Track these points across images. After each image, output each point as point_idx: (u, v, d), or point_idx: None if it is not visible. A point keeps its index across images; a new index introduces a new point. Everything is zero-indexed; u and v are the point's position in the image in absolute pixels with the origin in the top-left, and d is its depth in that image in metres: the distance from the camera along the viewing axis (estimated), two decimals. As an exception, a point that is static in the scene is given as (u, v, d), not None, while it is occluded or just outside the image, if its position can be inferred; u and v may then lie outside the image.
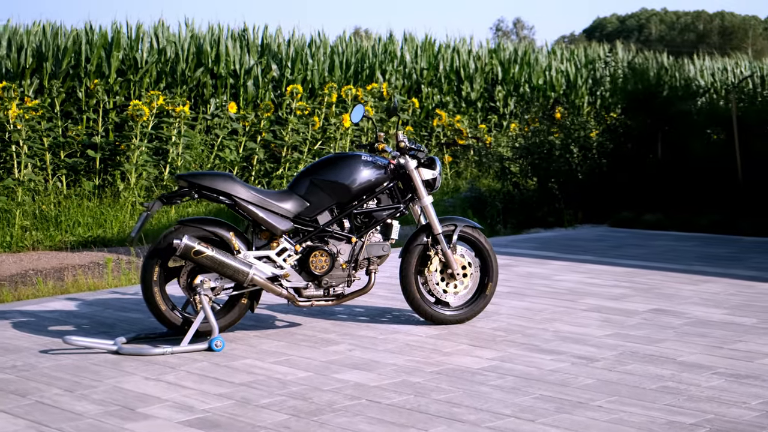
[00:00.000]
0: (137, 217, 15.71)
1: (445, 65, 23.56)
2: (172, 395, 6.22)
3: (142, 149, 16.38)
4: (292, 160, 18.06)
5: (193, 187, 7.45)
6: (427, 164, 7.95)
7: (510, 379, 6.50)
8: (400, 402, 6.03)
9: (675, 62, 25.15)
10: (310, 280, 7.62)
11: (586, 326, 7.89)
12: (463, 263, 7.94)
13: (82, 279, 10.55)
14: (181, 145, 16.90)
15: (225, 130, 17.96)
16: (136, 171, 16.32)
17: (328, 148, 18.47)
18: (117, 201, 16.18)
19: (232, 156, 17.67)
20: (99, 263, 12.45)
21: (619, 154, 15.06)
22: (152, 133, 16.72)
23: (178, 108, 16.94)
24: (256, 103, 19.65)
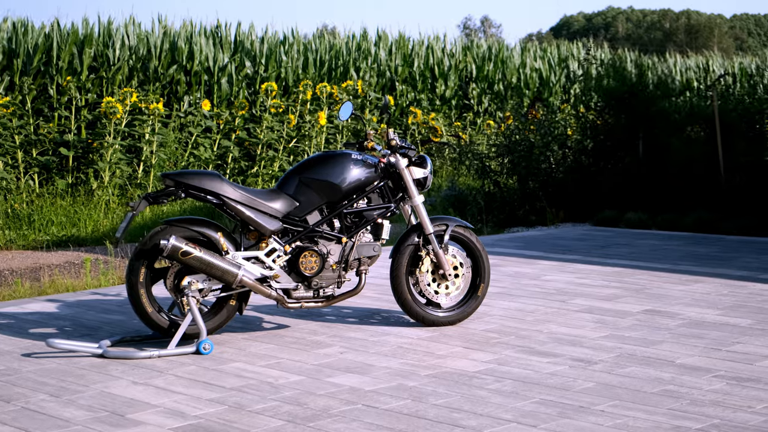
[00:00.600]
0: (111, 216, 15.49)
1: (420, 63, 23.42)
2: (162, 400, 6.05)
3: (115, 147, 16.14)
4: (267, 158, 17.87)
5: (180, 186, 7.27)
6: (417, 163, 7.79)
7: (508, 382, 6.36)
8: (398, 407, 5.88)
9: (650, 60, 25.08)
10: (300, 282, 7.46)
11: (580, 328, 7.76)
12: (454, 264, 7.79)
13: (59, 279, 10.34)
14: (155, 143, 16.69)
15: (199, 128, 17.75)
16: (110, 169, 16.09)
17: (303, 146, 18.29)
18: (91, 199, 15.96)
19: (206, 154, 17.47)
20: (75, 263, 12.23)
21: (600, 152, 14.94)
22: (126, 130, 16.48)
23: (152, 105, 16.72)
24: (230, 100, 19.46)
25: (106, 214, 15.76)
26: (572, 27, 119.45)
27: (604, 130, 15.01)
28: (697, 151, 13.78)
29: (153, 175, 16.75)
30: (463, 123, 23.11)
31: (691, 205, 13.50)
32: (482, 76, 24.53)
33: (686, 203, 13.54)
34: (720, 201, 13.39)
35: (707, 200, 13.49)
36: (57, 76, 17.60)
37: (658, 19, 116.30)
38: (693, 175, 13.81)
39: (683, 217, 13.15)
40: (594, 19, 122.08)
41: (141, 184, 16.67)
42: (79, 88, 17.59)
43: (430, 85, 23.51)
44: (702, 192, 13.61)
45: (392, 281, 7.73)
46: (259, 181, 17.73)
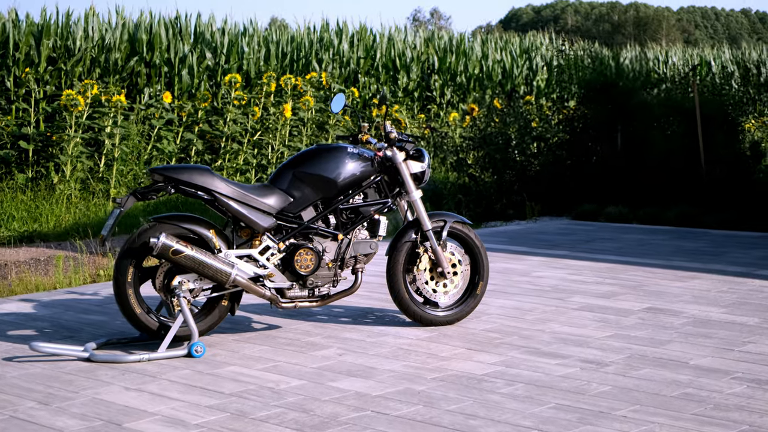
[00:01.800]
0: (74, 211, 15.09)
1: (382, 54, 23.13)
2: (159, 407, 5.73)
3: (77, 140, 15.72)
4: (231, 151, 17.52)
5: (170, 181, 6.94)
6: (415, 156, 7.50)
7: (520, 386, 6.09)
8: (410, 413, 5.59)
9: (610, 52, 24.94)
10: (294, 281, 7.15)
11: (583, 327, 7.51)
12: (453, 261, 7.51)
13: (27, 277, 9.94)
14: (117, 136, 16.28)
15: (161, 120, 17.35)
16: (71, 163, 15.67)
17: (267, 139, 17.95)
18: (52, 194, 15.52)
19: (170, 147, 17.09)
20: (40, 259, 11.83)
21: (576, 145, 14.70)
22: (87, 123, 16.06)
23: (114, 98, 16.31)
24: (191, 92, 19.07)
25: (68, 209, 15.35)
26: (521, 19, 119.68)
27: (581, 122, 14.76)
28: (677, 144, 13.57)
29: (116, 169, 16.34)
30: (427, 115, 22.84)
31: (673, 199, 13.30)
32: (444, 68, 24.28)
33: (667, 197, 13.33)
34: (701, 194, 13.19)
35: (688, 194, 13.29)
36: (14, 68, 17.14)
37: (606, 11, 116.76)
38: (673, 168, 13.60)
39: (665, 211, 12.93)
40: (543, 12, 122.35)
41: (103, 178, 16.27)
42: (38, 80, 17.14)
43: (392, 77, 23.22)
44: (683, 185, 13.40)
45: (389, 279, 7.44)
46: (223, 174, 17.37)
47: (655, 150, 13.73)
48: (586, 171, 14.29)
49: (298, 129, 18.51)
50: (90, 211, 15.35)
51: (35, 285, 9.58)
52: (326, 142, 6.99)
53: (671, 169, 13.60)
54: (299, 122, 18.64)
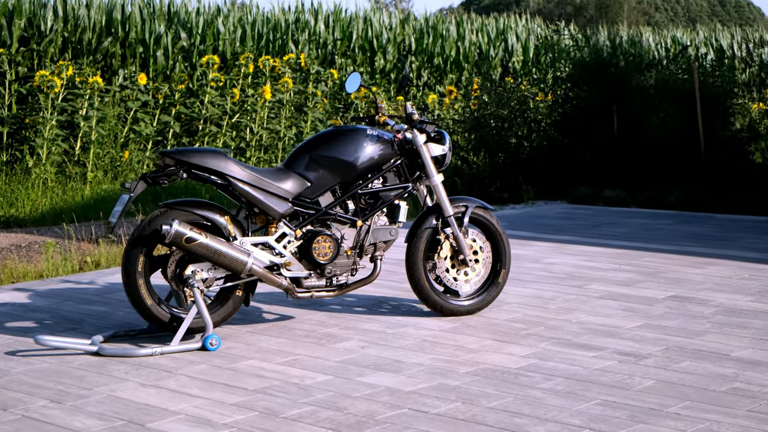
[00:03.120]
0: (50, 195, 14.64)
1: (358, 36, 22.74)
2: (181, 406, 5.39)
3: (52, 123, 15.27)
4: (210, 134, 17.11)
5: (181, 165, 6.57)
6: (436, 139, 7.16)
7: (559, 381, 5.78)
8: (450, 411, 5.28)
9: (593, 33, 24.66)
10: (312, 269, 6.80)
11: (609, 316, 7.21)
12: (474, 248, 7.18)
13: (11, 264, 9.51)
14: (94, 119, 15.83)
15: (137, 102, 16.91)
16: (47, 146, 15.21)
17: (246, 121, 17.56)
18: (28, 178, 15.06)
19: (147, 130, 16.65)
20: (21, 245, 11.39)
21: (570, 127, 14.38)
22: (61, 105, 15.59)
23: (91, 79, 15.85)
24: (166, 74, 18.62)
25: (45, 193, 14.90)
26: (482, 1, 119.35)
27: (576, 105, 14.45)
28: (676, 126, 13.28)
29: (92, 152, 15.90)
30: (407, 97, 22.46)
31: (672, 182, 13.00)
32: (421, 50, 23.92)
33: (666, 180, 13.03)
34: (702, 177, 12.90)
35: (688, 177, 13.00)
36: (-14, 49, 16.64)
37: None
38: (672, 151, 13.31)
39: (666, 195, 12.64)
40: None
41: (80, 161, 15.82)
42: (10, 62, 16.65)
43: (368, 58, 22.84)
44: (682, 168, 13.11)
45: (408, 268, 7.11)
46: (202, 157, 16.91)
47: (653, 132, 13.44)
48: (582, 154, 13.96)
49: (276, 111, 18.11)
50: (67, 195, 14.92)
51: (21, 273, 9.16)
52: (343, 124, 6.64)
53: (670, 152, 13.31)
54: (278, 104, 18.25)
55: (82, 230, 11.33)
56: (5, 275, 9.15)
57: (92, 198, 14.66)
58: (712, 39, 29.00)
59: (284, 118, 17.93)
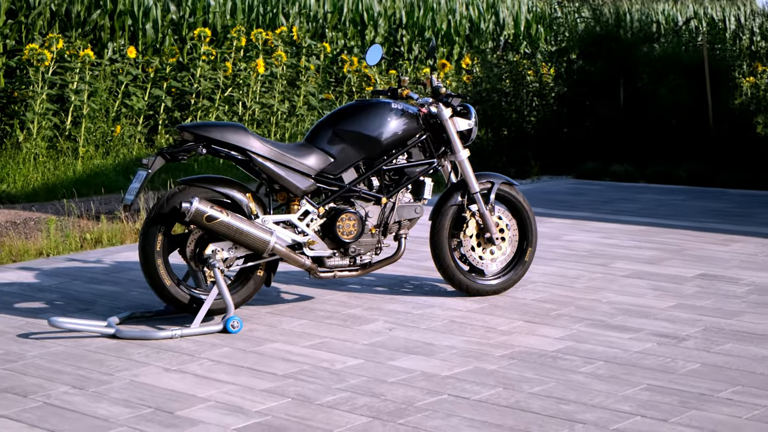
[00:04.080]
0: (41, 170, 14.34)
1: (349, 9, 22.42)
2: (210, 392, 5.15)
3: (43, 97, 14.95)
4: (202, 108, 16.81)
5: (200, 140, 6.30)
6: (462, 113, 6.90)
7: (599, 364, 5.56)
8: (491, 397, 5.05)
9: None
10: (335, 248, 6.56)
11: (640, 296, 6.99)
12: (500, 226, 6.95)
13: (9, 242, 9.22)
14: (85, 93, 15.51)
15: (128, 76, 16.59)
16: (38, 121, 14.90)
17: (238, 95, 17.27)
18: (18, 153, 14.75)
19: (139, 104, 16.34)
20: (16, 222, 11.10)
21: (577, 101, 14.12)
22: (51, 79, 15.27)
23: (82, 52, 15.53)
24: (156, 47, 18.29)
25: (36, 168, 14.60)
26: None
27: (581, 78, 14.19)
28: (683, 100, 13.03)
29: (84, 127, 15.59)
30: (399, 71, 22.17)
31: (681, 156, 12.76)
32: (412, 23, 23.61)
33: (675, 154, 12.79)
34: (710, 152, 12.66)
35: (697, 151, 12.75)
36: (-27, 22, 16.29)
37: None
38: (680, 125, 13.07)
39: (675, 169, 12.41)
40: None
41: (71, 136, 15.51)
42: (-2, 34, 16.32)
43: (359, 32, 22.53)
44: (690, 142, 12.87)
45: (433, 246, 6.87)
46: (195, 132, 16.61)
47: (660, 106, 13.19)
48: (588, 128, 13.70)
49: (268, 85, 17.83)
50: (59, 170, 14.63)
51: (21, 250, 8.87)
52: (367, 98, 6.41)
53: (677, 126, 13.06)
54: (271, 78, 17.97)
55: (81, 206, 11.04)
56: (5, 253, 8.87)
57: (84, 173, 14.39)
58: (702, 12, 28.77)
59: (277, 92, 17.64)
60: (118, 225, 9.43)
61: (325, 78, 19.89)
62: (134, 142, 15.94)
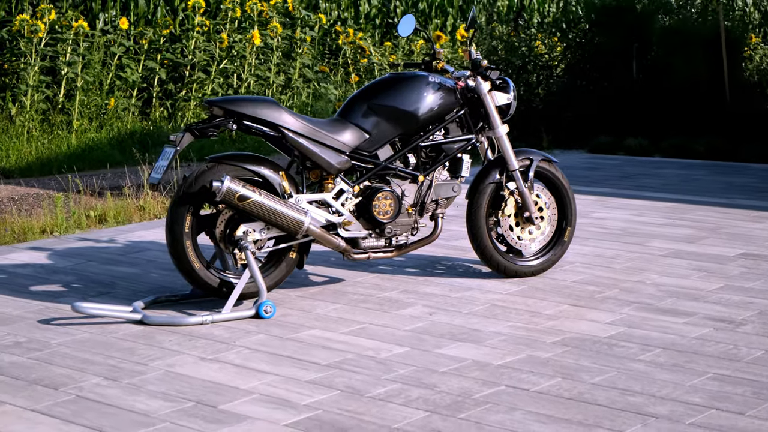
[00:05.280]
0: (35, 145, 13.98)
1: (342, -22, 22.04)
2: (252, 383, 4.85)
3: (35, 69, 14.57)
4: (198, 81, 16.44)
5: (231, 115, 5.97)
6: (501, 87, 6.59)
7: (659, 351, 5.29)
8: (552, 388, 4.77)
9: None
10: (370, 229, 6.25)
11: (684, 277, 6.72)
12: (539, 204, 6.65)
13: (11, 219, 8.84)
14: (79, 65, 15.13)
15: (121, 48, 16.20)
16: (30, 93, 14.52)
17: (233, 67, 16.90)
18: (11, 127, 14.37)
19: (133, 76, 15.96)
20: (14, 198, 10.75)
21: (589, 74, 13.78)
22: (45, 51, 14.88)
23: (75, 23, 15.14)
24: (148, 18, 17.90)
25: (30, 143, 14.23)
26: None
27: (592, 50, 13.84)
28: (700, 71, 12.70)
29: (78, 100, 15.21)
30: (395, 43, 21.81)
31: (697, 130, 12.43)
32: (405, -6, 23.23)
33: (691, 128, 12.47)
34: (727, 125, 12.34)
35: (713, 124, 12.43)
36: (-38, -8, 15.87)
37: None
38: (695, 98, 12.74)
39: (692, 143, 12.09)
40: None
41: (64, 109, 15.13)
42: (-14, 5, 15.90)
43: (353, 2, 22.16)
44: (707, 115, 12.54)
45: (470, 226, 6.57)
46: (191, 105, 16.31)
47: (675, 78, 12.86)
48: (599, 101, 13.35)
49: (263, 57, 17.47)
50: (53, 144, 14.27)
51: (25, 228, 8.51)
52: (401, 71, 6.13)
53: (693, 99, 12.73)
54: (267, 50, 17.61)
55: (79, 181, 10.68)
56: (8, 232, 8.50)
57: (79, 147, 14.04)
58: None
59: (273, 64, 17.30)
60: (122, 202, 9.09)
61: (320, 50, 19.54)
62: (128, 115, 15.59)
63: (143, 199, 9.23)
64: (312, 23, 19.02)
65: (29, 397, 4.69)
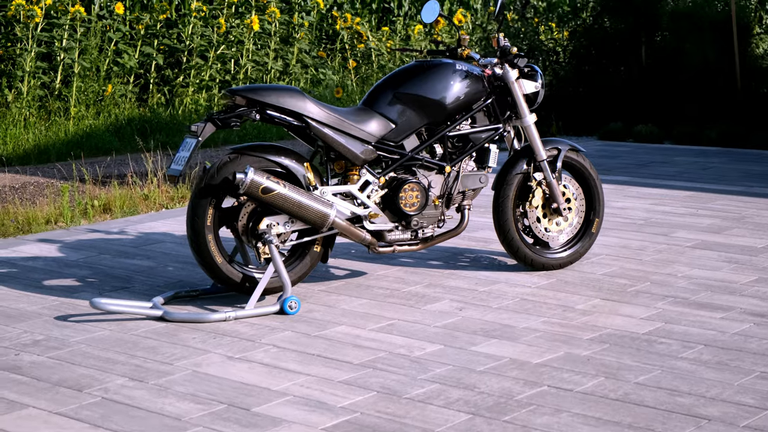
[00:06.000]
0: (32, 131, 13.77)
1: (339, -39, 21.82)
2: (283, 384, 4.67)
3: (32, 56, 14.34)
4: (196, 67, 16.23)
5: (254, 105, 5.77)
6: (529, 74, 6.40)
7: (700, 348, 5.13)
8: (597, 389, 4.60)
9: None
10: (396, 221, 6.06)
11: (716, 269, 6.55)
12: (567, 195, 6.47)
13: (14, 209, 8.61)
14: (76, 50, 14.90)
15: (118, 33, 15.97)
16: (27, 80, 14.30)
17: (231, 53, 16.69)
18: (9, 113, 14.14)
19: (131, 62, 15.74)
20: (14, 186, 10.54)
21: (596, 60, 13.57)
22: (41, 36, 14.64)
23: (72, 8, 14.90)
24: (143, 3, 17.66)
25: (26, 130, 14.01)
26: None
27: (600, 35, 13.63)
28: (711, 56, 12.50)
29: (75, 86, 14.99)
30: (392, 28, 21.61)
31: (708, 116, 12.22)
32: (400, -22, 23.02)
33: (701, 114, 12.26)
34: (740, 111, 12.13)
35: (725, 110, 12.22)
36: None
37: None
38: (706, 84, 12.53)
39: (704, 130, 11.89)
40: None
41: (62, 96, 14.91)
42: (-21, -10, 15.65)
43: (349, -14, 21.93)
44: (718, 101, 12.34)
45: (497, 218, 6.39)
46: (188, 92, 16.10)
47: (685, 64, 12.66)
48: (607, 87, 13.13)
49: (261, 42, 17.26)
50: (50, 131, 14.05)
51: (29, 218, 8.30)
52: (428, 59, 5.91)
53: (703, 85, 12.52)
54: (265, 35, 17.40)
55: (80, 169, 10.46)
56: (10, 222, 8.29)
57: (77, 135, 13.83)
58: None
59: (271, 50, 17.10)
60: (126, 191, 8.89)
61: (317, 35, 19.33)
62: (125, 101, 15.38)
63: (147, 188, 9.04)
64: (309, 8, 18.80)
65: (53, 400, 4.51)
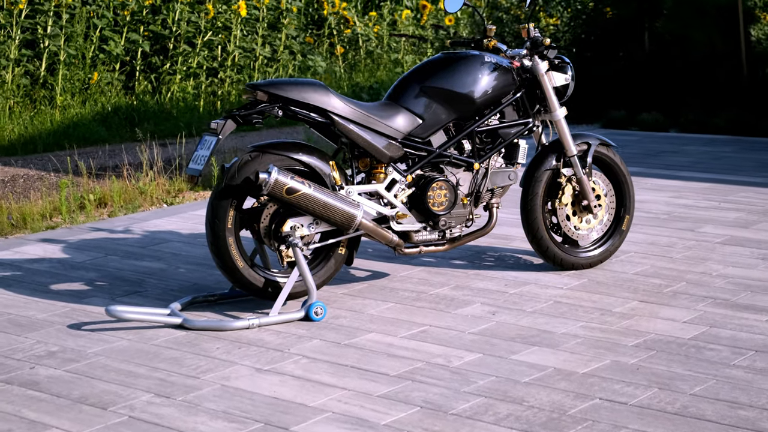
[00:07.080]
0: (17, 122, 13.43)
1: (324, -55, 21.47)
2: (320, 399, 4.41)
3: (16, 43, 13.99)
4: (183, 54, 15.90)
5: (276, 100, 5.49)
6: (559, 67, 6.13)
7: (753, 355, 4.91)
8: (652, 402, 4.36)
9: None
10: (424, 221, 5.79)
11: (751, 267, 6.32)
12: (597, 192, 6.21)
13: (7, 204, 8.28)
14: (62, 37, 14.56)
15: (104, 20, 15.62)
16: (11, 68, 13.95)
17: (218, 40, 16.36)
18: (-9, 103, 13.80)
19: (118, 49, 15.39)
20: (4, 180, 10.22)
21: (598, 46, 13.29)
22: (26, 23, 14.29)
23: (57, -6, 14.56)
24: (129, -12, 17.26)
25: (11, 119, 13.68)
26: None
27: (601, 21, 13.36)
28: (717, 42, 12.24)
29: (61, 74, 14.65)
30: (379, 12, 21.29)
31: (713, 103, 11.97)
32: (386, -39, 22.69)
33: (707, 102, 12.01)
34: (746, 98, 11.88)
35: (731, 97, 11.97)
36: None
37: None
38: (711, 70, 12.28)
39: (711, 118, 11.63)
40: None
41: (47, 84, 14.57)
42: (-40, -24, 15.26)
43: (334, -30, 21.59)
44: (723, 88, 12.08)
45: (526, 216, 6.13)
46: (176, 79, 15.77)
47: (689, 49, 12.39)
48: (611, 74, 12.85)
49: (249, 28, 16.94)
50: (36, 120, 13.73)
51: (26, 214, 7.98)
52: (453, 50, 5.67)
53: (709, 72, 12.27)
54: (252, 21, 17.08)
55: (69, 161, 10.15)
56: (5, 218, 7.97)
57: (63, 124, 13.50)
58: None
59: (259, 36, 16.79)
60: (121, 184, 8.58)
61: (304, 21, 19.02)
62: (112, 89, 15.05)
63: (143, 181, 8.73)
64: (296, -7, 18.46)
65: (77, 420, 4.24)
